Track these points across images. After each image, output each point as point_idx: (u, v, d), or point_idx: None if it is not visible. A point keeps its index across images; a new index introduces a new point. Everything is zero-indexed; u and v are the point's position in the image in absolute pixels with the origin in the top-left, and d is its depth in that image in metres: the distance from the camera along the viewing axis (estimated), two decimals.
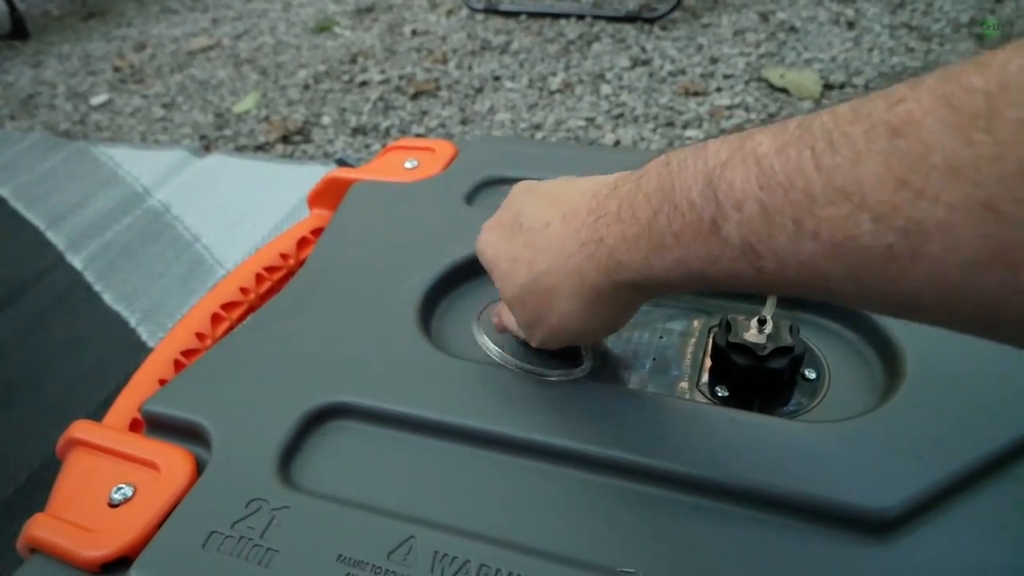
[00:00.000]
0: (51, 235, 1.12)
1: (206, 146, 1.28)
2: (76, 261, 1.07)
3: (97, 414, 0.47)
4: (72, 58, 1.66)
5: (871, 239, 0.20)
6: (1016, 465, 0.34)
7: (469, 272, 0.49)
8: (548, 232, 0.34)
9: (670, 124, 1.13)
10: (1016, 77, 0.17)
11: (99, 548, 0.35)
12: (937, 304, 0.20)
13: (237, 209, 1.11)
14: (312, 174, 1.12)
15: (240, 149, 1.26)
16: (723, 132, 1.08)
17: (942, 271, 0.19)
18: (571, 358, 0.42)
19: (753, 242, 0.24)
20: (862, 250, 0.20)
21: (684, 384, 0.42)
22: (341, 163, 1.13)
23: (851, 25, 1.33)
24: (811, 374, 0.41)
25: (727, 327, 0.40)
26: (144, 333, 0.93)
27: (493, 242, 0.38)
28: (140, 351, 0.90)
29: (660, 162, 0.29)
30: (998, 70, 0.18)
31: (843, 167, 0.20)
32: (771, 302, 0.40)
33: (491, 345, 0.43)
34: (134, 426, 0.46)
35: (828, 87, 1.16)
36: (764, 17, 1.40)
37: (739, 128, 1.08)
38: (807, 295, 0.24)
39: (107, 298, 1.00)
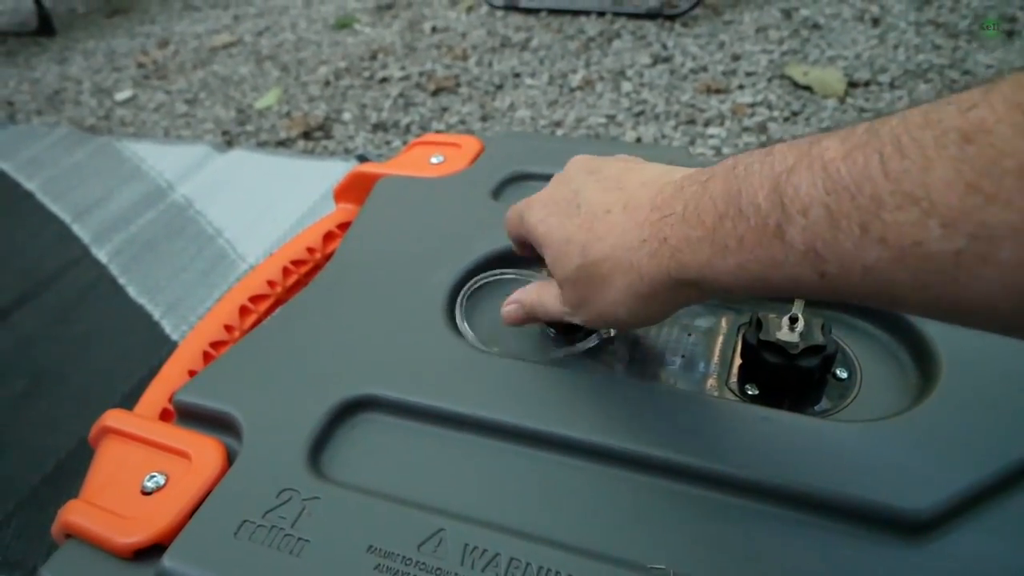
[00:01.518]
0: (77, 229, 1.14)
1: (228, 142, 1.29)
2: (101, 255, 1.08)
3: (122, 405, 0.47)
4: (97, 54, 1.68)
5: (940, 244, 0.20)
6: None
7: (498, 266, 0.49)
8: (609, 219, 0.33)
9: (691, 122, 1.12)
10: None
11: (133, 535, 0.35)
12: (1012, 311, 0.20)
13: (259, 204, 1.12)
14: (333, 170, 1.13)
15: (262, 145, 1.27)
16: (745, 130, 1.07)
17: (1014, 277, 0.19)
18: (578, 334, 0.44)
19: (818, 247, 0.24)
20: (930, 256, 0.20)
21: (713, 381, 0.42)
22: (362, 159, 1.14)
23: (876, 22, 1.31)
24: (843, 373, 0.41)
25: (758, 325, 0.40)
26: (168, 326, 0.94)
27: (545, 218, 0.37)
28: (164, 344, 0.91)
29: (727, 166, 0.29)
30: None
31: (912, 172, 0.21)
32: (799, 299, 0.40)
33: (469, 331, 0.44)
34: (164, 416, 0.46)
35: (852, 85, 1.15)
36: (787, 14, 1.39)
37: (761, 126, 1.07)
38: (871, 302, 0.24)
39: (131, 291, 1.01)
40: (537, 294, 0.40)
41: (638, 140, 1.10)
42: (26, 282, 1.04)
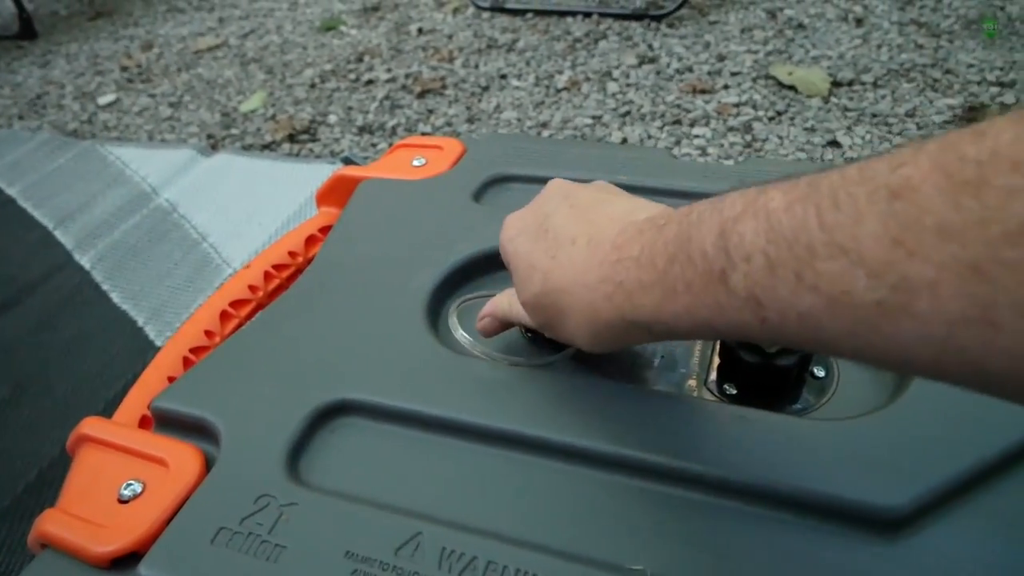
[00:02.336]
0: (59, 234, 1.13)
1: (213, 145, 1.28)
2: (84, 260, 1.07)
3: (105, 412, 0.47)
4: (80, 58, 1.67)
5: (865, 294, 0.21)
6: None
7: (478, 270, 0.49)
8: (572, 251, 0.34)
9: (677, 122, 1.12)
10: (1007, 148, 0.18)
11: (109, 543, 0.35)
12: (930, 361, 0.21)
13: (244, 208, 1.11)
14: (319, 173, 1.13)
15: (247, 148, 1.26)
16: (731, 130, 1.08)
17: (930, 328, 0.20)
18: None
19: (758, 293, 0.24)
20: (857, 305, 0.21)
21: (692, 382, 0.42)
22: (347, 161, 1.13)
23: (859, 22, 1.32)
24: (820, 372, 0.41)
25: None
26: (152, 332, 0.94)
27: (515, 237, 0.38)
28: (148, 350, 0.90)
29: (683, 212, 0.30)
30: (991, 140, 0.19)
31: (844, 225, 0.22)
32: None
33: (467, 336, 0.44)
34: (143, 423, 0.46)
35: (836, 84, 1.15)
36: (771, 14, 1.40)
37: (747, 126, 1.08)
38: (810, 348, 0.25)
39: (115, 297, 1.00)
40: (508, 303, 0.41)
41: (624, 141, 1.10)
42: (8, 289, 1.03)
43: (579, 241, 0.34)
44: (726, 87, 1.20)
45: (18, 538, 0.71)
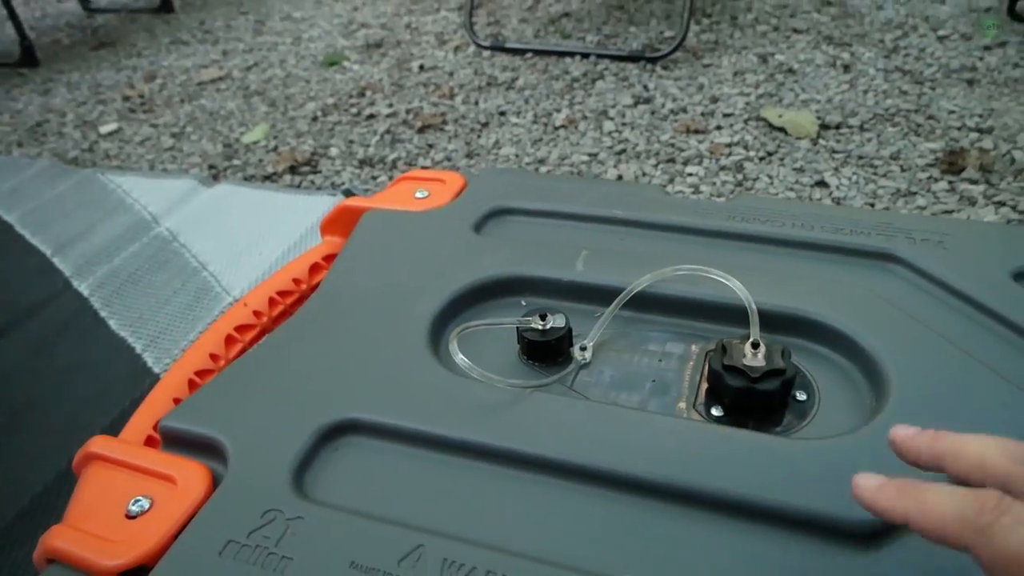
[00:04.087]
0: (58, 261, 1.13)
1: (214, 175, 1.30)
2: (83, 287, 1.08)
3: None
4: (81, 87, 1.69)
5: None
6: None
7: (478, 297, 0.51)
8: None
9: (671, 160, 1.15)
10: None
11: (117, 557, 0.36)
12: None
13: (245, 237, 1.12)
14: (319, 204, 1.14)
15: (248, 179, 1.28)
16: (723, 169, 1.10)
17: None
18: (555, 362, 0.44)
19: None
20: None
21: (682, 405, 0.44)
22: (348, 194, 1.15)
23: (847, 68, 1.36)
24: (802, 396, 0.43)
25: (722, 350, 0.42)
26: (150, 359, 0.94)
27: None
28: (146, 376, 0.91)
29: None
30: None
31: None
32: (755, 323, 0.42)
33: (466, 360, 0.44)
34: (149, 443, 0.47)
35: (824, 127, 1.19)
36: (763, 59, 1.44)
37: (738, 165, 1.11)
38: None
39: (113, 324, 1.01)
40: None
41: (619, 177, 1.13)
42: (5, 315, 1.03)
43: None
44: (719, 128, 1.23)
45: (10, 566, 0.70)
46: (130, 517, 0.39)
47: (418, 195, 0.63)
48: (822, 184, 1.05)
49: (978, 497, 0.27)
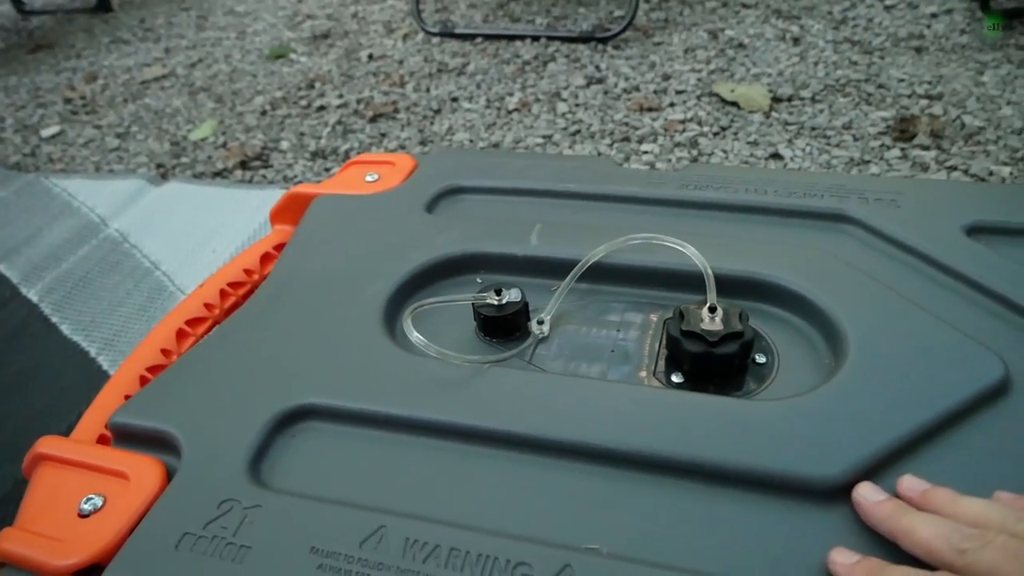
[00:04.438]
0: (4, 268, 1.10)
1: (163, 174, 1.27)
2: (32, 293, 1.05)
3: None
4: (20, 90, 1.64)
5: None
6: (948, 434, 0.36)
7: (433, 276, 0.50)
8: None
9: (626, 139, 1.15)
10: None
11: (70, 556, 0.35)
12: None
13: (197, 235, 1.10)
14: (272, 198, 1.12)
15: (198, 176, 1.25)
16: (677, 145, 1.11)
17: None
18: (512, 337, 0.44)
19: None
20: None
21: (643, 373, 0.43)
22: None
23: (796, 41, 1.38)
24: (761, 359, 0.43)
25: (680, 316, 0.42)
26: (105, 362, 0.92)
27: None
28: (101, 380, 0.88)
29: None
30: None
31: None
32: (711, 287, 0.42)
33: (422, 338, 0.43)
34: (101, 441, 0.46)
35: (776, 100, 1.20)
36: (713, 35, 1.45)
37: (692, 141, 1.11)
38: None
39: (65, 329, 0.98)
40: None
41: None
42: None
43: None
44: (672, 105, 1.23)
45: None
46: (83, 516, 0.38)
47: (368, 179, 0.62)
48: (776, 156, 1.06)
49: None
